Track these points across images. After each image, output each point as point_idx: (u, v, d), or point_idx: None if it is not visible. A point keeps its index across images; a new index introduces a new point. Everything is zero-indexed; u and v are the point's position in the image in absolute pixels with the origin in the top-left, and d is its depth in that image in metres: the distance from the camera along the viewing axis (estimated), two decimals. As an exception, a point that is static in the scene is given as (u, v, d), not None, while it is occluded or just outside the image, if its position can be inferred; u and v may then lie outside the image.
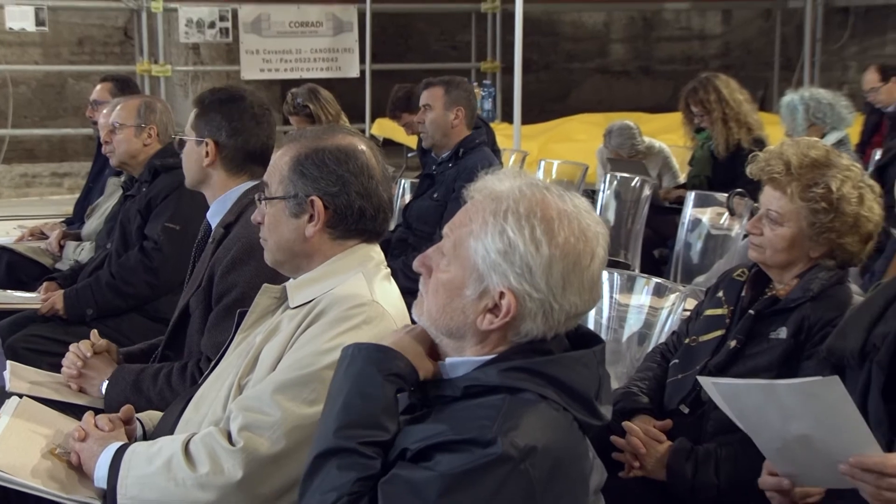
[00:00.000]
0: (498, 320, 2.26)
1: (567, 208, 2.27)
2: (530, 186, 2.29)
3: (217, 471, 2.66)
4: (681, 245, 6.54)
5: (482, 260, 2.26)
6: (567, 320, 2.28)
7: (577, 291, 2.25)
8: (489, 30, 14.50)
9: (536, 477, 2.15)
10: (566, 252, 2.23)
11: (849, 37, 15.20)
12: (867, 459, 2.59)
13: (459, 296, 2.29)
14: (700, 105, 7.47)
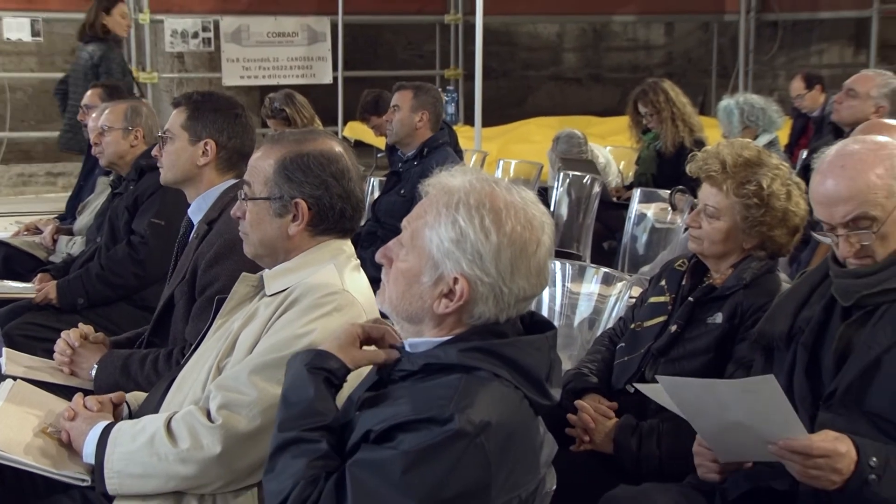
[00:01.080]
0: (453, 304, 2.27)
1: (514, 200, 2.28)
2: (480, 181, 2.31)
3: (197, 446, 2.66)
4: (628, 238, 6.55)
5: (437, 248, 2.27)
6: (517, 303, 2.29)
7: (525, 276, 2.26)
8: (452, 40, 14.50)
9: (491, 450, 2.16)
10: (513, 240, 2.24)
11: (778, 48, 15.31)
12: (795, 443, 2.62)
13: (417, 282, 2.30)
14: (650, 105, 7.48)
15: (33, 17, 12.29)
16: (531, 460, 2.31)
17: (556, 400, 2.33)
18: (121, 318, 4.62)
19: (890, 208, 2.73)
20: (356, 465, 2.19)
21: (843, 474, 2.60)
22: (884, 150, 2.78)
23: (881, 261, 2.77)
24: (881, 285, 2.78)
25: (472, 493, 2.17)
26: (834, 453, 2.60)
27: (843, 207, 2.75)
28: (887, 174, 2.74)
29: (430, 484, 2.13)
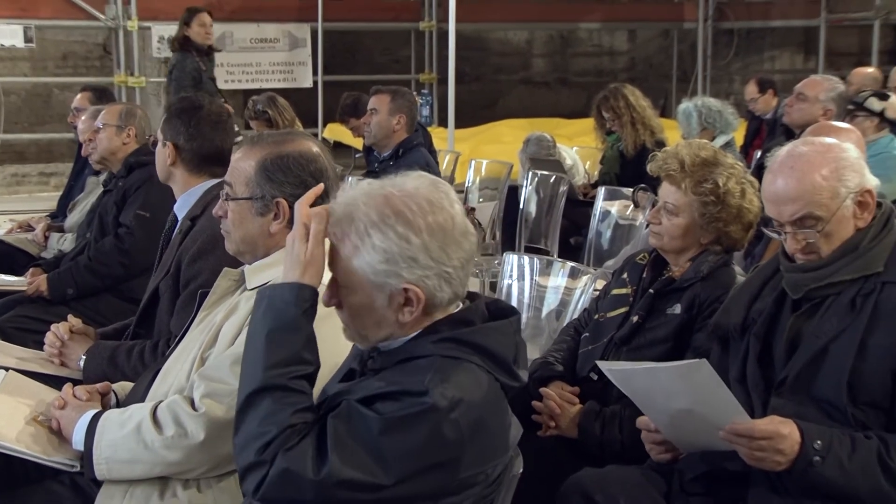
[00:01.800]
0: (416, 309, 2.26)
1: (408, 191, 2.27)
2: (369, 193, 2.28)
3: (181, 433, 2.64)
4: (593, 233, 6.56)
5: (373, 274, 2.25)
6: (464, 268, 2.28)
7: (457, 246, 2.26)
8: (426, 46, 14.51)
9: (464, 424, 2.17)
10: (431, 229, 2.24)
11: (733, 54, 15.43)
12: (738, 427, 2.66)
13: (374, 310, 2.28)
14: (611, 111, 7.50)
15: (26, 25, 12.25)
16: (501, 439, 2.31)
17: (523, 381, 2.34)
18: (108, 309, 4.60)
19: (834, 209, 2.76)
20: (338, 417, 2.18)
21: (786, 455, 2.64)
22: (830, 153, 2.81)
23: (826, 257, 2.80)
24: (827, 279, 2.81)
25: (443, 465, 2.18)
26: (776, 435, 2.64)
27: (790, 207, 2.79)
28: (832, 176, 2.77)
29: (403, 451, 2.14)
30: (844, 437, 2.68)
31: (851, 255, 2.80)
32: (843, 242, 2.80)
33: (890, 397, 2.74)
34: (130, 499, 2.69)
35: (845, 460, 2.65)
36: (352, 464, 2.13)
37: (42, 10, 12.36)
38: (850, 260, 2.80)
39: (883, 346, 2.73)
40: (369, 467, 2.13)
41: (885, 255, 2.82)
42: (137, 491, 2.69)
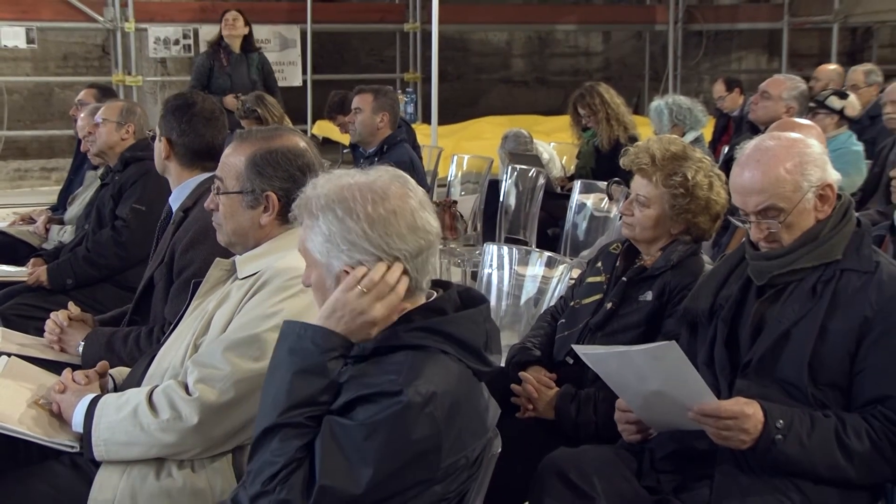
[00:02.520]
0: None
1: (361, 182, 2.28)
2: (329, 181, 2.31)
3: (176, 417, 2.64)
4: (569, 225, 6.56)
5: (320, 255, 2.29)
6: (413, 261, 2.26)
7: (401, 239, 2.25)
8: (411, 46, 14.45)
9: (439, 416, 2.16)
10: (371, 217, 2.24)
11: (702, 55, 15.47)
12: (706, 407, 2.69)
13: (326, 289, 2.31)
14: (587, 107, 7.50)
15: (28, 26, 12.20)
16: (477, 423, 2.31)
17: (495, 366, 2.33)
18: (106, 297, 4.59)
19: (795, 201, 2.79)
20: (323, 434, 2.18)
21: (751, 434, 2.67)
22: (794, 148, 2.84)
23: (788, 245, 2.83)
24: (789, 266, 2.83)
25: (425, 454, 2.17)
26: (741, 415, 2.67)
27: (755, 198, 2.82)
28: (795, 170, 2.80)
29: (387, 450, 2.13)
30: (804, 416, 2.71)
31: (812, 244, 2.82)
32: (804, 232, 2.83)
33: (847, 377, 2.77)
34: (128, 478, 2.68)
35: (805, 438, 2.68)
36: (338, 477, 2.13)
37: (43, 12, 12.31)
38: (810, 248, 2.82)
39: (841, 330, 2.75)
40: (357, 474, 2.13)
41: (843, 244, 2.84)
42: (134, 471, 2.68)
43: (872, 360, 2.74)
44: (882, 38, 15.20)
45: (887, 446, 2.70)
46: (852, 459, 2.69)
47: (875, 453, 2.70)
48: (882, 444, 2.70)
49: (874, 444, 2.70)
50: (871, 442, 2.70)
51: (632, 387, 2.86)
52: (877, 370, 2.74)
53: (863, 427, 2.71)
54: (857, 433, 2.70)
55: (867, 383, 2.75)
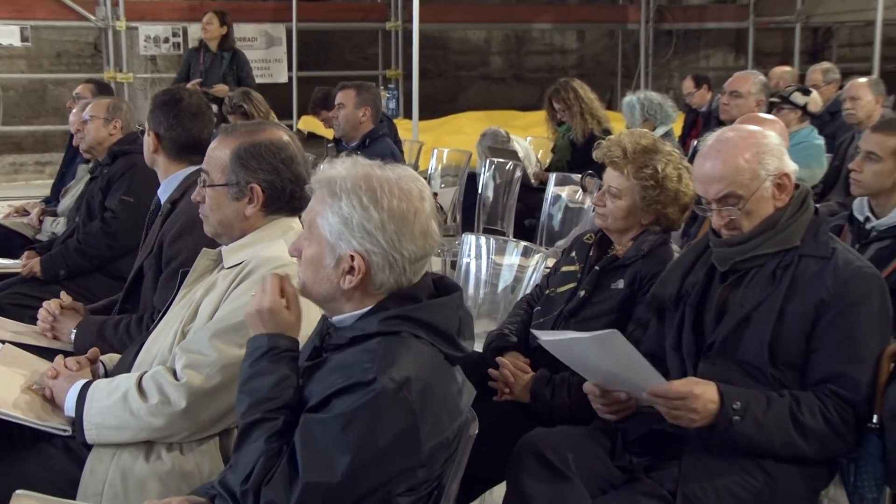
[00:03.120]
0: (355, 279, 2.26)
1: (389, 177, 2.27)
2: (355, 166, 2.30)
3: (165, 401, 2.63)
4: (545, 216, 6.56)
5: (329, 234, 2.26)
6: (412, 265, 2.28)
7: (412, 240, 2.25)
8: (392, 44, 14.44)
9: (413, 400, 2.16)
10: (393, 212, 2.23)
11: (672, 53, 15.52)
12: (656, 388, 2.72)
13: (322, 266, 2.29)
14: (562, 102, 7.49)
15: (22, 25, 12.18)
16: (452, 405, 2.30)
17: (467, 351, 2.34)
18: (97, 287, 4.56)
19: (753, 189, 2.82)
20: (301, 430, 2.19)
21: (699, 413, 2.70)
22: (753, 139, 2.87)
23: (748, 232, 2.85)
24: (751, 252, 2.86)
25: (404, 438, 2.17)
26: (689, 395, 2.70)
27: (715, 186, 2.84)
28: (753, 159, 2.82)
29: (365, 437, 2.13)
30: (761, 396, 2.74)
31: (771, 231, 2.85)
32: (763, 220, 2.85)
33: (803, 357, 2.80)
34: (118, 461, 2.67)
35: (761, 417, 2.71)
36: (319, 471, 2.14)
37: (37, 11, 12.28)
38: (770, 235, 2.85)
39: (799, 313, 2.78)
40: (335, 463, 2.13)
41: (801, 231, 2.86)
42: (125, 454, 2.68)
43: (827, 340, 2.76)
44: (841, 37, 15.29)
45: (839, 422, 2.73)
46: (807, 436, 2.72)
47: (828, 429, 2.73)
48: (834, 419, 2.73)
49: (827, 420, 2.73)
50: (824, 419, 2.73)
51: (592, 367, 2.90)
52: (830, 349, 2.76)
53: (816, 405, 2.74)
54: (810, 411, 2.73)
55: (821, 362, 2.78)
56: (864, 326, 2.77)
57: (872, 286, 2.81)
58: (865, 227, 3.90)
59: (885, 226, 3.83)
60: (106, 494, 2.64)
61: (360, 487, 2.16)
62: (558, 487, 2.68)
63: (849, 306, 2.76)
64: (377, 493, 2.19)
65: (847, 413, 2.74)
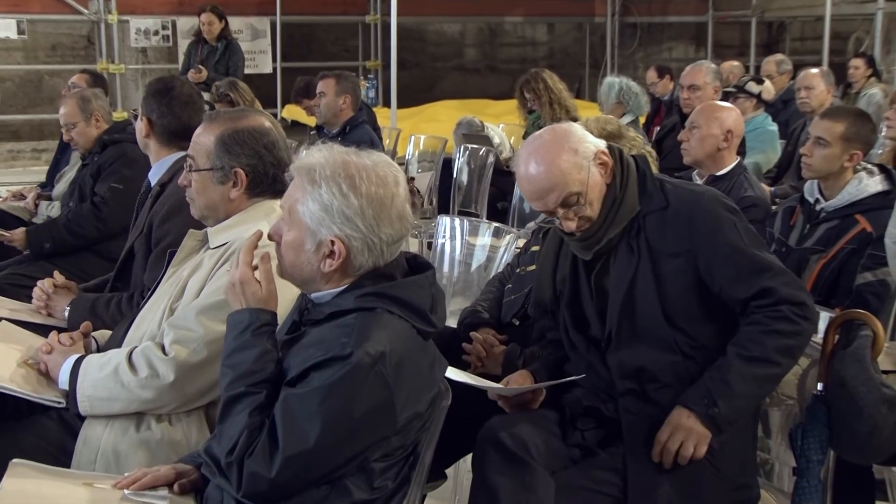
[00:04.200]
0: (336, 262, 2.25)
1: (365, 164, 2.26)
2: (333, 154, 2.28)
3: (154, 375, 2.63)
4: (516, 199, 6.54)
5: (310, 220, 2.25)
6: (389, 247, 2.28)
7: (389, 224, 2.25)
8: (372, 36, 14.42)
9: (388, 373, 2.16)
10: (371, 198, 2.23)
11: (637, 45, 15.54)
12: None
13: (302, 251, 2.28)
14: (532, 92, 7.47)
15: (19, 18, 12.19)
16: (425, 377, 2.31)
17: (439, 326, 2.33)
18: (90, 267, 4.53)
19: (585, 178, 2.70)
20: (281, 404, 2.18)
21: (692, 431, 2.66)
22: (560, 137, 2.73)
23: (596, 219, 2.74)
24: (606, 237, 2.76)
25: (380, 409, 2.17)
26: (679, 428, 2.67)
27: (553, 196, 2.70)
28: (572, 155, 2.70)
29: (342, 409, 2.13)
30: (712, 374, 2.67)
31: (614, 207, 2.74)
32: (603, 200, 2.74)
33: (698, 306, 2.72)
34: (110, 431, 2.67)
35: (728, 389, 2.65)
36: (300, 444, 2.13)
37: (33, 5, 12.28)
38: (615, 212, 2.74)
39: (673, 270, 2.71)
40: (316, 437, 2.13)
41: (635, 193, 2.77)
42: (116, 424, 2.67)
43: (720, 274, 2.68)
44: (794, 31, 15.36)
45: (781, 326, 2.65)
46: (772, 361, 2.65)
47: (779, 340, 2.65)
48: (774, 327, 2.65)
49: (770, 333, 2.65)
50: (767, 334, 2.65)
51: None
52: (730, 278, 2.68)
53: (754, 332, 2.66)
54: (754, 342, 2.65)
55: (734, 294, 2.68)
56: (738, 240, 2.68)
57: (715, 205, 2.73)
58: (815, 208, 3.92)
59: (833, 207, 3.86)
60: (98, 462, 2.64)
61: (338, 456, 2.17)
62: (521, 476, 2.62)
63: (711, 234, 2.68)
64: (354, 460, 2.20)
65: (781, 311, 2.65)
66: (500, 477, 2.63)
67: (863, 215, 3.78)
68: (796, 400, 3.04)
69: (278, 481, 2.14)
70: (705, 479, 2.70)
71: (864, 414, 2.74)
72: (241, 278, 2.33)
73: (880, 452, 2.85)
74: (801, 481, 2.83)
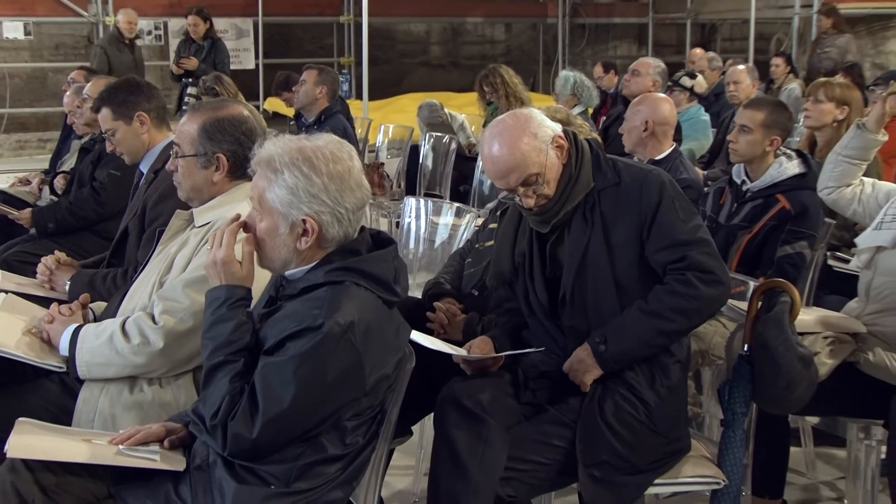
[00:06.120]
0: (311, 239, 2.23)
1: (318, 145, 2.25)
2: (285, 142, 2.26)
3: (145, 342, 2.61)
4: (476, 182, 6.54)
5: (280, 204, 2.22)
6: (355, 213, 2.26)
7: (351, 193, 2.24)
8: (346, 35, 14.41)
9: (357, 340, 2.16)
10: (331, 174, 2.21)
11: (586, 43, 15.56)
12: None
13: (277, 234, 2.25)
14: (490, 85, 7.46)
15: (25, 21, 12.21)
16: (391, 342, 2.30)
17: (402, 296, 2.33)
18: (90, 246, 4.49)
19: (544, 160, 2.70)
20: (260, 371, 2.17)
21: (585, 363, 2.71)
22: (522, 122, 2.72)
23: (553, 196, 2.74)
24: (562, 211, 2.76)
25: (350, 373, 2.17)
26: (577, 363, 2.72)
27: (514, 175, 2.70)
28: (532, 139, 2.70)
29: (316, 374, 2.13)
30: (617, 319, 2.70)
31: (570, 185, 2.74)
32: (559, 180, 2.73)
33: (645, 272, 2.72)
34: (106, 393, 2.65)
35: (621, 331, 2.67)
36: (278, 405, 2.13)
37: (38, 8, 12.25)
38: (570, 189, 2.74)
39: (624, 243, 2.71)
40: (293, 401, 2.12)
41: (590, 171, 2.77)
42: (111, 387, 2.66)
43: (654, 244, 2.69)
44: (724, 32, 15.49)
45: (681, 288, 2.65)
46: (665, 317, 2.65)
47: (681, 300, 2.65)
48: (675, 288, 2.65)
49: (670, 293, 2.65)
50: (668, 293, 2.65)
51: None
52: (660, 248, 2.68)
53: (661, 290, 2.67)
54: (657, 298, 2.66)
55: (658, 260, 2.69)
56: (675, 214, 2.69)
57: (661, 181, 2.73)
58: (742, 188, 3.94)
59: (758, 188, 3.88)
60: (96, 421, 2.62)
61: (313, 416, 2.17)
62: (477, 429, 2.63)
63: (655, 206, 2.69)
64: (328, 420, 2.20)
65: (685, 276, 2.65)
66: (459, 432, 2.63)
67: (783, 195, 3.80)
68: (724, 360, 3.07)
69: (259, 440, 2.14)
70: (643, 433, 2.72)
71: (782, 371, 2.78)
72: (224, 258, 2.29)
73: (796, 404, 2.89)
74: (727, 431, 2.86)
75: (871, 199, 3.65)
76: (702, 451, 2.88)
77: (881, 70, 10.49)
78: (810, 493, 3.81)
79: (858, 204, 3.68)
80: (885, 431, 3.11)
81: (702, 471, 2.81)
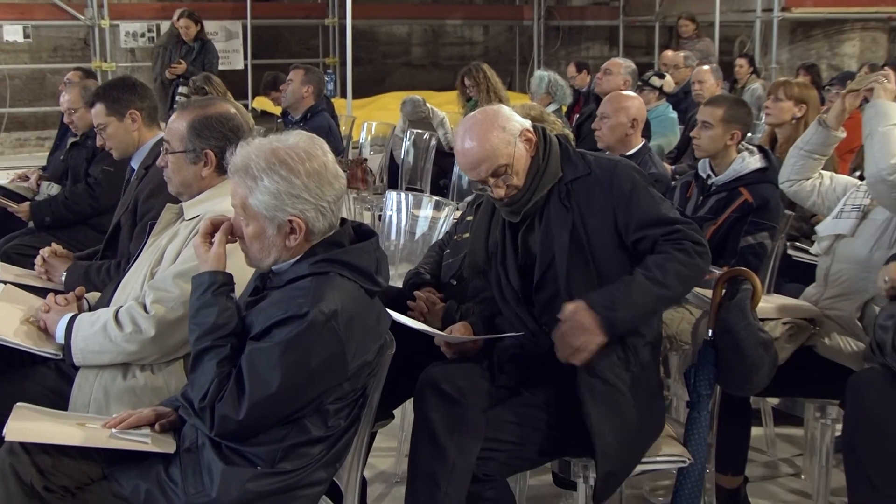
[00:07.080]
0: (300, 236, 2.23)
1: (290, 144, 2.23)
2: (257, 146, 2.24)
3: (137, 330, 2.60)
4: (455, 177, 6.55)
5: (265, 208, 2.21)
6: (335, 203, 2.25)
7: (329, 186, 2.23)
8: (331, 37, 14.27)
9: (340, 328, 2.15)
10: (309, 172, 2.20)
11: (559, 45, 15.55)
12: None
13: (266, 237, 2.24)
14: (473, 80, 7.46)
15: (24, 24, 12.11)
16: (372, 330, 2.30)
17: (383, 286, 2.32)
18: (86, 239, 4.46)
19: (512, 152, 2.69)
20: (247, 356, 2.16)
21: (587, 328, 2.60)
22: (492, 116, 2.72)
23: (522, 187, 2.73)
24: (532, 200, 2.75)
25: (333, 359, 2.17)
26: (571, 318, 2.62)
27: (484, 166, 2.69)
28: (501, 132, 2.69)
29: (301, 360, 2.12)
30: (617, 284, 2.65)
31: (538, 176, 2.74)
32: (528, 171, 2.73)
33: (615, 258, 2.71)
34: (101, 379, 2.64)
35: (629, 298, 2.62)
36: (265, 389, 2.12)
37: (37, 12, 12.14)
38: (538, 179, 2.73)
39: (594, 226, 2.70)
40: (278, 385, 2.11)
41: (557, 162, 2.77)
42: (106, 374, 2.64)
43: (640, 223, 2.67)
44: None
45: (681, 257, 2.63)
46: (667, 285, 2.62)
47: (678, 266, 2.62)
48: (676, 256, 2.63)
49: (672, 260, 2.63)
50: (670, 261, 2.63)
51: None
52: (649, 225, 2.67)
53: (658, 258, 2.64)
54: (657, 265, 2.63)
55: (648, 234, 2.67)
56: (652, 198, 2.69)
57: (630, 171, 2.74)
58: (707, 182, 3.95)
59: (722, 181, 3.88)
60: (91, 406, 2.61)
61: (297, 400, 2.17)
62: (454, 411, 2.62)
63: (631, 193, 2.68)
64: (312, 403, 2.20)
65: (683, 245, 2.64)
66: (437, 414, 2.63)
67: (745, 188, 3.81)
68: (691, 345, 3.09)
69: (245, 422, 2.14)
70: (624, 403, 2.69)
71: (744, 355, 2.79)
72: (196, 243, 2.31)
73: (757, 386, 2.91)
74: (693, 413, 2.88)
75: (829, 192, 3.68)
76: (669, 432, 2.89)
77: (836, 71, 10.54)
78: (770, 470, 3.84)
79: (818, 196, 3.71)
80: (840, 410, 3.14)
81: (669, 450, 2.82)
